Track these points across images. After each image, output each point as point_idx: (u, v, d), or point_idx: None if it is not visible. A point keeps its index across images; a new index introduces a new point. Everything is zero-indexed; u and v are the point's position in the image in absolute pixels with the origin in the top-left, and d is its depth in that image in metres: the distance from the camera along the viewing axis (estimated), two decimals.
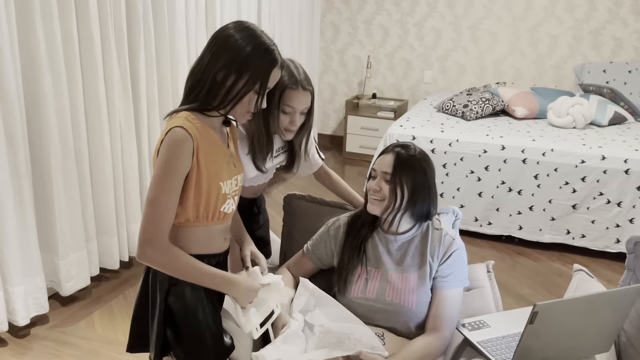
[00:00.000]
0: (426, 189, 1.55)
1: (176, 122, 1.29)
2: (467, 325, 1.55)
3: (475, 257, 3.31)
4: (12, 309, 2.37)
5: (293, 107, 1.61)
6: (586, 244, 3.36)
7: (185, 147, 1.26)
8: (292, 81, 1.59)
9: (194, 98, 1.32)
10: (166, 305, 1.37)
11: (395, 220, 1.57)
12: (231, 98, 1.30)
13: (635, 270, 1.59)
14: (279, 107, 1.61)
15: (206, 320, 1.39)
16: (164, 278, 1.37)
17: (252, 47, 1.28)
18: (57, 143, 2.45)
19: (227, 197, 1.39)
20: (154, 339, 1.39)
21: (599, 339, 1.39)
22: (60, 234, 2.55)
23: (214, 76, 1.29)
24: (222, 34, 1.31)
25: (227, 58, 1.28)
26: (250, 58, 1.28)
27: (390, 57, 5.32)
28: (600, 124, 3.87)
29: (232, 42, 1.29)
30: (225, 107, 1.32)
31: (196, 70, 1.32)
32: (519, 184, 3.40)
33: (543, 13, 4.75)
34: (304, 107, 1.64)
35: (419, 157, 1.55)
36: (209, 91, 1.30)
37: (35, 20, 2.28)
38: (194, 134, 1.28)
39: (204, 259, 1.38)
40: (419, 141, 3.52)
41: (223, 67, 1.28)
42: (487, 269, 1.90)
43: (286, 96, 1.59)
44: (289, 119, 1.63)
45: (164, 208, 1.27)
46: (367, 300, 1.57)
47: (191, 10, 3.25)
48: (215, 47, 1.30)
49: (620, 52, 4.64)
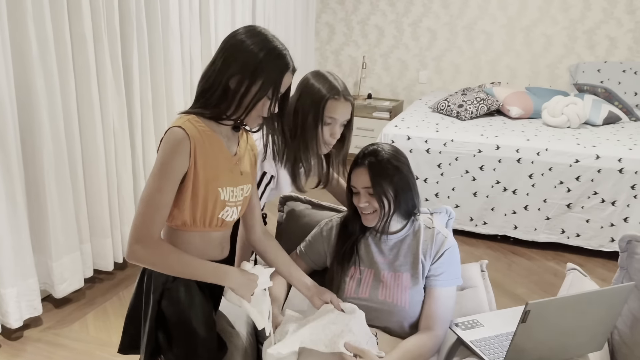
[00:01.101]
0: (407, 185, 1.55)
1: (177, 122, 1.28)
2: (461, 325, 1.55)
3: (471, 257, 3.31)
4: (5, 311, 2.36)
5: (335, 118, 1.60)
6: (581, 243, 3.36)
7: (181, 147, 1.25)
8: (334, 92, 1.58)
9: (205, 102, 1.32)
10: (159, 308, 1.36)
11: (387, 224, 1.57)
12: (246, 104, 1.30)
13: (628, 269, 1.59)
14: (322, 121, 1.58)
15: (199, 326, 1.38)
16: (158, 281, 1.36)
17: (265, 52, 1.28)
18: (49, 144, 2.44)
19: (226, 204, 1.37)
20: (145, 342, 1.38)
21: (592, 337, 1.39)
22: (53, 236, 2.53)
23: (226, 82, 1.29)
24: (234, 39, 1.30)
25: (239, 64, 1.27)
26: (263, 63, 1.27)
27: (385, 57, 5.32)
28: (594, 124, 3.87)
29: (244, 47, 1.28)
30: (240, 115, 1.32)
31: (208, 75, 1.31)
32: (513, 183, 3.40)
33: (538, 13, 4.76)
34: (345, 118, 1.62)
35: (390, 158, 1.54)
36: (222, 97, 1.30)
37: (27, 21, 2.27)
38: (192, 134, 1.27)
39: None
40: (413, 141, 3.52)
41: (236, 72, 1.28)
42: (480, 268, 1.89)
43: (328, 107, 1.57)
44: (329, 131, 1.61)
45: (156, 207, 1.26)
46: (360, 300, 1.57)
47: (185, 11, 3.24)
48: (227, 53, 1.29)
49: (614, 52, 4.65)
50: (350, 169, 1.60)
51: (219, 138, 1.34)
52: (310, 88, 1.60)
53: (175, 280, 1.35)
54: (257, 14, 4.12)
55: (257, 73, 1.27)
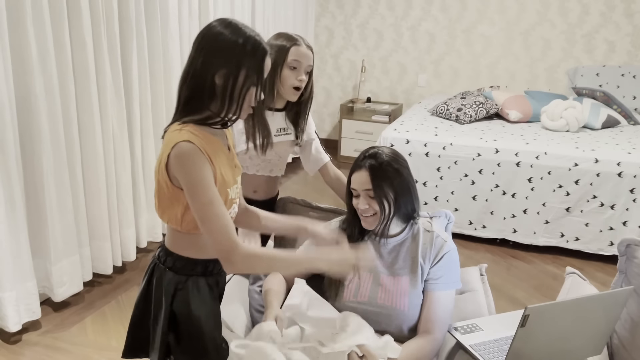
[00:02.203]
0: (407, 188, 1.56)
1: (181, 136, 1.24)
2: (460, 329, 1.55)
3: (470, 261, 3.31)
4: (4, 315, 2.35)
5: (299, 62, 1.73)
6: (580, 246, 3.36)
7: (199, 157, 1.23)
8: (295, 40, 1.73)
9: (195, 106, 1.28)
10: (171, 310, 1.36)
11: (386, 227, 1.57)
12: (236, 98, 1.27)
13: (627, 273, 1.60)
14: (283, 65, 1.72)
15: (208, 325, 1.39)
16: (170, 283, 1.36)
17: (243, 41, 1.25)
18: (49, 148, 2.44)
19: (233, 202, 1.38)
20: (158, 344, 1.38)
21: (591, 341, 1.39)
22: (52, 239, 2.53)
23: (212, 79, 1.25)
24: (210, 33, 1.26)
25: (222, 58, 1.24)
26: (245, 53, 1.25)
27: (384, 60, 5.33)
28: (593, 127, 3.88)
29: (223, 39, 1.24)
30: (235, 111, 1.29)
31: (189, 77, 1.27)
32: (512, 187, 3.40)
33: (536, 17, 4.77)
34: (308, 63, 1.75)
35: (391, 161, 1.55)
36: (211, 97, 1.27)
37: (27, 25, 2.27)
38: (201, 145, 1.24)
39: (210, 263, 1.39)
40: (413, 144, 3.52)
41: (220, 66, 1.24)
42: (480, 272, 1.89)
43: (292, 52, 1.72)
44: (296, 75, 1.73)
45: (218, 218, 1.23)
46: (360, 303, 1.57)
47: (184, 14, 3.25)
48: (207, 49, 1.25)
49: (612, 56, 4.66)
50: (351, 171, 1.60)
51: (217, 139, 1.34)
52: (271, 45, 1.73)
53: (187, 280, 1.36)
54: (256, 17, 4.13)
55: (241, 64, 1.25)
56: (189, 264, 1.37)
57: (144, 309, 1.44)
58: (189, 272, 1.37)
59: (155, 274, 1.40)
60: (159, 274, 1.38)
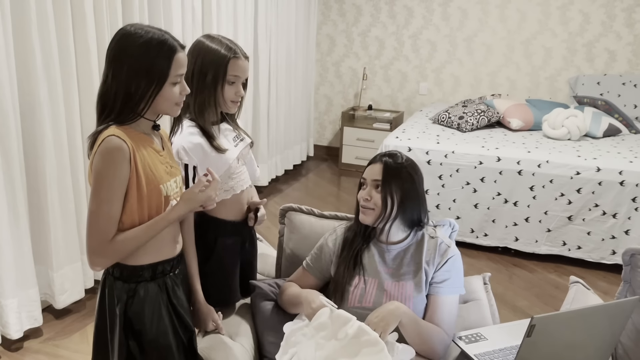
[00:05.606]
0: (415, 195, 1.58)
1: (107, 132, 1.28)
2: (464, 338, 1.54)
3: (472, 269, 3.30)
4: (5, 322, 2.35)
5: (238, 77, 1.63)
6: (582, 255, 3.36)
7: (121, 155, 1.26)
8: (234, 52, 1.61)
9: (109, 115, 1.31)
10: (125, 318, 1.38)
11: (386, 228, 1.58)
12: (148, 99, 1.30)
13: (631, 282, 1.59)
14: (224, 80, 1.61)
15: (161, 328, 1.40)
16: (120, 290, 1.38)
17: (147, 47, 1.27)
18: (52, 154, 2.45)
19: (169, 199, 1.39)
20: (117, 353, 1.39)
21: (596, 351, 1.39)
22: (54, 246, 2.53)
23: (125, 90, 1.28)
24: (115, 49, 1.30)
25: (127, 69, 1.27)
26: (150, 58, 1.28)
27: (385, 69, 5.35)
28: (594, 136, 3.89)
29: (126, 54, 1.28)
30: (149, 109, 1.32)
31: (104, 92, 1.31)
32: (514, 195, 3.41)
33: (537, 26, 4.79)
34: (246, 76, 1.67)
35: (407, 165, 1.58)
36: (126, 103, 1.30)
37: (31, 32, 2.28)
38: (127, 140, 1.28)
39: (158, 266, 1.40)
40: (414, 152, 3.53)
41: (129, 77, 1.28)
42: (483, 281, 1.89)
43: (231, 66, 1.61)
44: (234, 90, 1.64)
45: (106, 219, 1.28)
46: (365, 309, 1.57)
47: (188, 23, 3.26)
48: (113, 65, 1.29)
49: (613, 65, 4.68)
50: (367, 165, 1.63)
51: (145, 137, 1.37)
52: (207, 50, 1.62)
53: (136, 287, 1.38)
54: (259, 26, 4.15)
55: (148, 69, 1.27)
56: (136, 270, 1.39)
57: (101, 322, 1.44)
58: (137, 279, 1.39)
59: (106, 285, 1.41)
60: (109, 284, 1.40)
